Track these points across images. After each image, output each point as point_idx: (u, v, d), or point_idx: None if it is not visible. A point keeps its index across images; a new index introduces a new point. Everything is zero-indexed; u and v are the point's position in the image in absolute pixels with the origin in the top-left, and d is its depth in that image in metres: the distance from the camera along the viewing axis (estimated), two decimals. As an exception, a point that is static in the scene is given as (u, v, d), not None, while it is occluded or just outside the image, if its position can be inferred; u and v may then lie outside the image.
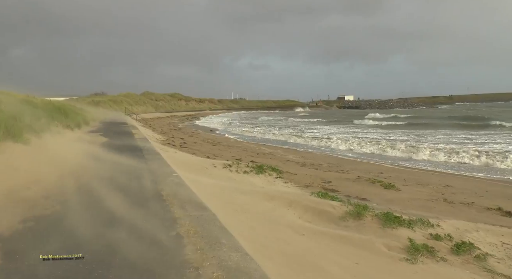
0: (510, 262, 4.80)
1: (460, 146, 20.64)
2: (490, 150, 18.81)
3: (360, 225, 5.51)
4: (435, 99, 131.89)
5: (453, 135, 28.57)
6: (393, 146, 21.03)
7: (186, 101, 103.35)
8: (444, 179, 12.22)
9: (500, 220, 7.01)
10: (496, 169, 14.73)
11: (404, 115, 58.07)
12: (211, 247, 3.51)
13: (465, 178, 12.76)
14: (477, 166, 15.70)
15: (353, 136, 28.54)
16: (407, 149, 19.68)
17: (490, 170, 14.58)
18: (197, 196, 5.64)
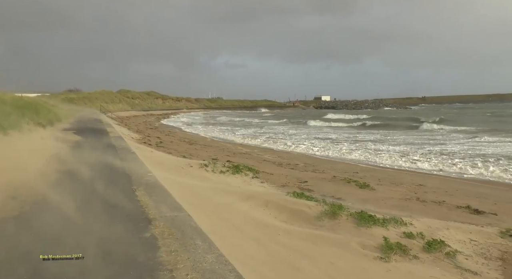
0: (477, 258, 4.96)
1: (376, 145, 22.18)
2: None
3: (335, 224, 5.57)
4: (409, 100, 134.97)
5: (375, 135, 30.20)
6: (314, 144, 23.06)
7: (163, 99, 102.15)
8: (417, 178, 12.51)
9: (469, 218, 7.22)
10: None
11: (364, 116, 58.66)
12: (186, 249, 3.46)
13: (437, 177, 13.09)
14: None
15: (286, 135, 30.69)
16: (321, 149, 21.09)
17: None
18: (172, 197, 5.57)
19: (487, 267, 4.75)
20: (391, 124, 42.17)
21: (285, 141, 25.53)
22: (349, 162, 16.67)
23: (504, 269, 4.72)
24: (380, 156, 17.64)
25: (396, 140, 25.71)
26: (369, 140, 25.97)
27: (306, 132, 33.57)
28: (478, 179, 12.80)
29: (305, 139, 26.94)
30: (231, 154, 16.98)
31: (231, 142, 25.82)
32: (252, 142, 25.64)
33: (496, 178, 12.72)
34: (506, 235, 5.74)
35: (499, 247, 5.39)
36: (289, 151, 20.91)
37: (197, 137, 27.93)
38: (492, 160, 15.50)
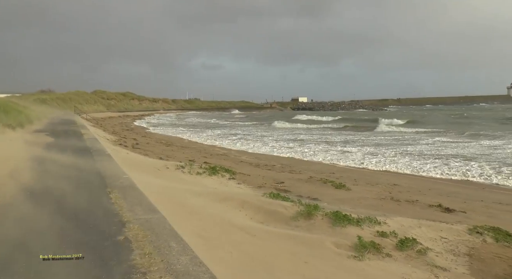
0: (447, 254, 5.12)
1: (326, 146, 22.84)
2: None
3: (311, 224, 5.63)
4: (385, 102, 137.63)
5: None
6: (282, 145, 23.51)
7: (139, 100, 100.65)
8: (392, 178, 12.77)
9: (440, 216, 7.43)
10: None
11: (333, 118, 58.75)
12: (160, 251, 3.44)
13: (411, 177, 13.39)
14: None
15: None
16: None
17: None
18: (147, 199, 5.52)
19: (456, 263, 4.90)
20: (360, 126, 42.33)
21: (248, 142, 25.61)
22: (320, 163, 16.86)
23: (471, 264, 4.89)
24: (347, 156, 17.96)
25: (363, 141, 26.07)
26: (339, 141, 26.21)
27: (274, 134, 33.39)
28: (448, 179, 13.18)
29: (274, 140, 27.04)
30: (208, 155, 16.92)
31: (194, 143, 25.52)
32: (216, 143, 25.33)
33: (459, 177, 13.02)
34: (473, 232, 5.94)
35: (467, 243, 5.57)
36: (251, 152, 20.77)
37: (174, 139, 27.66)
38: (454, 160, 16.05)
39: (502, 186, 11.65)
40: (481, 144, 22.11)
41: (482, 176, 12.88)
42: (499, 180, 12.26)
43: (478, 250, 5.39)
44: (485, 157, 17.06)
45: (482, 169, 13.76)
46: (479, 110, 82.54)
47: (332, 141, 25.92)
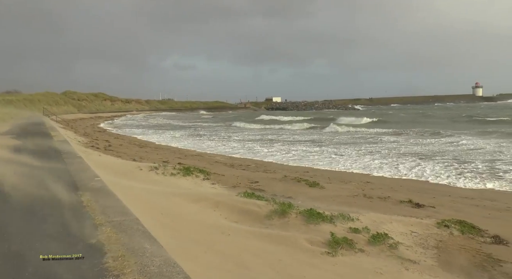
0: (417, 248, 5.29)
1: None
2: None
3: (285, 222, 5.70)
4: (357, 101, 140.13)
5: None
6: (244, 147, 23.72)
7: (112, 101, 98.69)
8: (365, 176, 13.05)
9: (410, 211, 7.65)
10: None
11: (300, 118, 58.46)
12: (133, 253, 3.40)
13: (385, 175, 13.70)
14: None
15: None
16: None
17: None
18: (120, 201, 5.44)
19: (425, 255, 5.08)
20: (321, 125, 41.89)
21: (209, 142, 25.90)
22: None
23: (439, 256, 5.08)
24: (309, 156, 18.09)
25: (328, 139, 26.37)
26: (304, 140, 26.42)
27: (239, 134, 33.28)
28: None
29: (239, 140, 27.26)
30: (182, 156, 16.79)
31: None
32: (174, 144, 25.13)
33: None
34: (441, 226, 6.17)
35: (435, 236, 5.78)
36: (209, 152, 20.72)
37: (148, 140, 27.30)
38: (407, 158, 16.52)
39: (453, 185, 11.66)
40: (433, 142, 22.97)
41: (433, 174, 12.99)
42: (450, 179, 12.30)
43: (446, 243, 5.60)
44: (440, 153, 17.71)
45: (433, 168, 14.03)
46: (443, 109, 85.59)
47: (286, 140, 26.40)
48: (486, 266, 4.88)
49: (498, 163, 14.55)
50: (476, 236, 5.99)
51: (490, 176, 12.50)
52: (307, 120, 50.34)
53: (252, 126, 44.71)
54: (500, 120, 42.69)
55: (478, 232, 6.13)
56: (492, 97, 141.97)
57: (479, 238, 5.96)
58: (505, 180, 11.87)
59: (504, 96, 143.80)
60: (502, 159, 15.69)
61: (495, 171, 13.27)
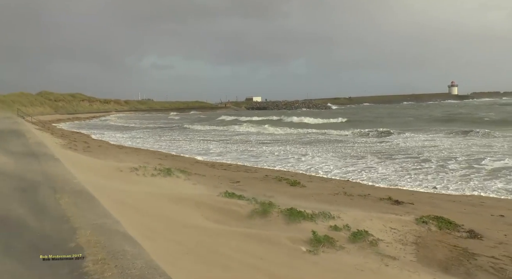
0: (396, 244, 5.40)
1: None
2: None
3: (266, 221, 5.73)
4: (337, 100, 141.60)
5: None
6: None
7: (90, 102, 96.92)
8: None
9: (390, 208, 7.80)
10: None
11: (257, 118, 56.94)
12: (114, 256, 3.35)
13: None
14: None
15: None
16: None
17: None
18: (100, 203, 5.34)
19: (404, 251, 5.19)
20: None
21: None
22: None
23: (417, 252, 5.20)
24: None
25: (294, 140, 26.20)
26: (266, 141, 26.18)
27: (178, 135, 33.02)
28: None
29: (169, 140, 27.54)
30: (163, 157, 16.65)
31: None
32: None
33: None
34: (419, 222, 6.31)
35: (414, 232, 5.91)
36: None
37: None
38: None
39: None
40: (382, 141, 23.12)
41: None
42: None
43: (424, 238, 5.74)
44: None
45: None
46: (413, 108, 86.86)
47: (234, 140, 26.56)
48: (462, 260, 5.03)
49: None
50: (452, 231, 6.16)
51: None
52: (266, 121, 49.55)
53: (199, 128, 42.55)
54: (460, 117, 43.67)
55: (454, 227, 6.31)
56: (466, 96, 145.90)
57: (455, 233, 6.13)
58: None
59: (477, 95, 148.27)
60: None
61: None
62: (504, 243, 5.70)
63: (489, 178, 11.30)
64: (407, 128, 30.90)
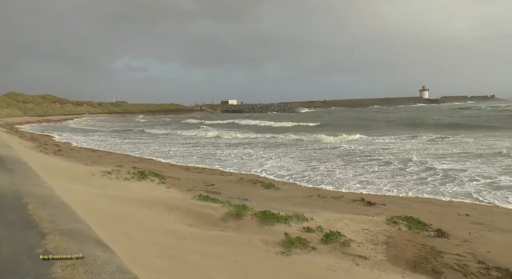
0: (368, 244, 5.52)
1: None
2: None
3: (240, 224, 5.74)
4: (312, 104, 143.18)
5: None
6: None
7: (61, 104, 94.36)
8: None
9: (362, 209, 7.95)
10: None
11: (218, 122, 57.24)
12: (84, 261, 3.29)
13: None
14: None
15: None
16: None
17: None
18: (70, 208, 5.23)
19: (375, 251, 5.31)
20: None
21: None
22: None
23: (388, 251, 5.33)
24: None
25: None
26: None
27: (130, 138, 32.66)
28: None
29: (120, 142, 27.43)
30: (137, 160, 16.41)
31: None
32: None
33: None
34: (390, 222, 6.48)
35: (385, 232, 6.06)
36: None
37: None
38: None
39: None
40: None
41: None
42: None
43: (394, 238, 5.89)
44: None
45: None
46: (379, 112, 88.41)
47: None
48: (430, 258, 5.19)
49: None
50: (421, 231, 6.35)
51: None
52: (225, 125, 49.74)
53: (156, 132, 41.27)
54: (413, 122, 44.47)
55: (423, 227, 6.50)
56: (437, 100, 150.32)
57: (424, 232, 6.32)
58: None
59: (447, 99, 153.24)
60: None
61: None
62: (468, 241, 5.93)
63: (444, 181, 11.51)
64: (363, 131, 31.35)
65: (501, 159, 15.06)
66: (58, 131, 39.93)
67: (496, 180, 11.46)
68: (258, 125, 48.17)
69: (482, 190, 10.41)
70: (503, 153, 16.63)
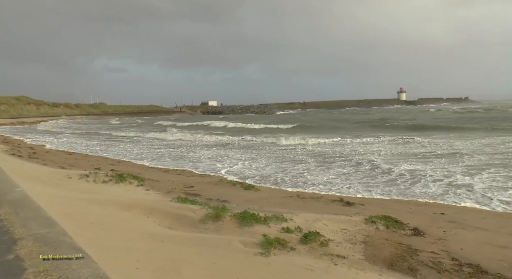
0: (346, 244, 5.59)
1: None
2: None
3: (219, 226, 5.73)
4: (292, 105, 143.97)
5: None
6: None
7: (37, 105, 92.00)
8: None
9: (341, 209, 8.05)
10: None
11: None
12: (58, 267, 3.21)
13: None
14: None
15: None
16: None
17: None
18: (45, 212, 5.10)
19: (353, 250, 5.38)
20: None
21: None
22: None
23: (366, 250, 5.42)
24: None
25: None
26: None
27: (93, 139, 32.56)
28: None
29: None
30: (115, 162, 16.17)
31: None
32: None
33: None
34: (368, 222, 6.58)
35: (363, 232, 6.15)
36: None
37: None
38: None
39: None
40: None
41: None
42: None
43: (372, 237, 5.99)
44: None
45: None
46: (352, 113, 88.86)
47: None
48: (406, 256, 5.30)
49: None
50: (398, 230, 6.48)
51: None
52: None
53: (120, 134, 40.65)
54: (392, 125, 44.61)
55: (400, 226, 6.63)
56: (414, 101, 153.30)
57: (401, 231, 6.45)
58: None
59: (424, 101, 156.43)
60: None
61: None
62: (443, 239, 6.08)
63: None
64: (335, 133, 31.83)
65: (461, 160, 15.36)
66: (32, 133, 39.00)
67: (456, 179, 11.67)
68: (227, 127, 47.99)
69: (448, 190, 10.52)
70: (462, 153, 17.17)
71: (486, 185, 10.91)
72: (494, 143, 20.91)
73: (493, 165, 13.84)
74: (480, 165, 13.93)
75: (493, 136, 24.68)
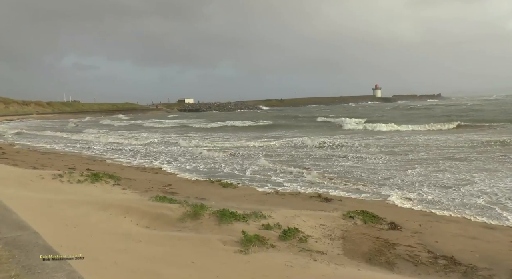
0: (325, 239, 5.63)
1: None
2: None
3: (198, 224, 5.67)
4: (269, 102, 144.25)
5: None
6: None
7: (6, 104, 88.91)
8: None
9: (319, 205, 8.12)
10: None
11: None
12: (31, 271, 3.10)
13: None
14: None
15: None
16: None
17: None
18: (15, 214, 4.92)
19: (332, 246, 5.43)
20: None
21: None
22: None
23: (344, 245, 5.48)
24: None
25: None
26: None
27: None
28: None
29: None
30: (90, 162, 15.80)
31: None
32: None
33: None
34: (346, 217, 6.65)
35: (341, 227, 6.21)
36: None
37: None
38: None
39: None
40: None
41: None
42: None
43: (350, 232, 6.06)
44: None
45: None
46: (320, 110, 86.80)
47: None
48: (384, 250, 5.39)
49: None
50: (376, 224, 6.57)
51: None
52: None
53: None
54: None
55: (377, 221, 6.74)
56: (389, 98, 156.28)
57: (378, 225, 6.55)
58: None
59: (398, 97, 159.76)
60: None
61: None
62: (419, 232, 6.22)
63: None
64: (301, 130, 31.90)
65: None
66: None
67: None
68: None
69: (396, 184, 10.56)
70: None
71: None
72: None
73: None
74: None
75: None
